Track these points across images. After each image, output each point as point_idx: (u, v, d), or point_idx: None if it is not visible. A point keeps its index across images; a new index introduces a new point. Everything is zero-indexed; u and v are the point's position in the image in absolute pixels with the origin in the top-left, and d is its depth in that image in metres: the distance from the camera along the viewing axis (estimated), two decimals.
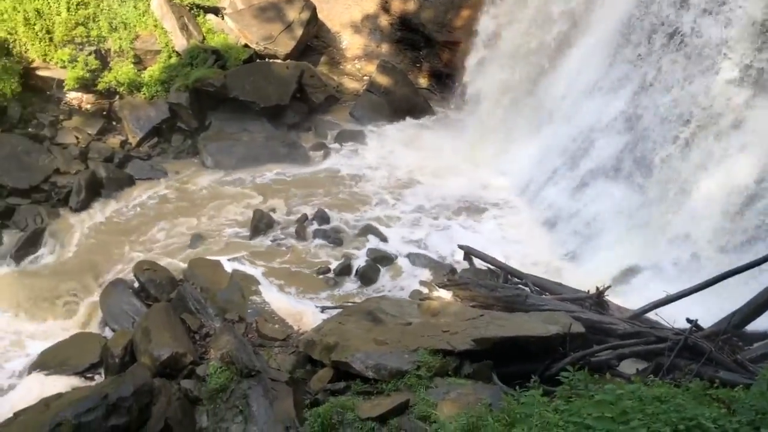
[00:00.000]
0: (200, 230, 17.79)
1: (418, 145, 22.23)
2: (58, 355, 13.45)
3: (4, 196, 18.09)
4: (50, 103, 21.00)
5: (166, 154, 21.50)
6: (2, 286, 15.70)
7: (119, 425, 9.42)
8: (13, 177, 18.17)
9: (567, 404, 5.96)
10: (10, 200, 18.02)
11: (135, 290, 14.98)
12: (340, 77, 26.27)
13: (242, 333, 12.20)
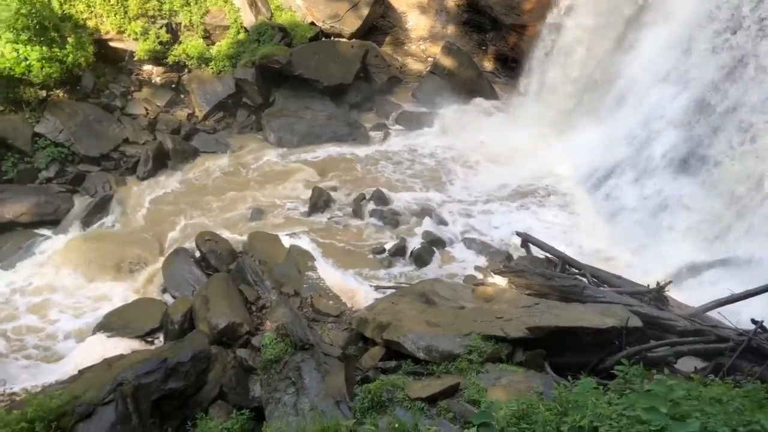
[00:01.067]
0: (260, 205, 18.10)
1: (480, 129, 21.99)
2: (121, 318, 14.00)
3: (76, 162, 18.78)
4: (122, 75, 21.61)
5: (231, 128, 21.91)
6: (71, 249, 16.35)
7: (177, 388, 9.74)
8: (85, 145, 18.83)
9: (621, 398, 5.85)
10: (81, 167, 18.71)
11: (196, 260, 15.40)
12: (404, 58, 26.15)
13: (297, 307, 12.39)
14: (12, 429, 7.78)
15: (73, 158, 18.73)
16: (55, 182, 18.05)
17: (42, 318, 14.42)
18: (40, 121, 18.59)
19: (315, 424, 7.18)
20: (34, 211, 17.17)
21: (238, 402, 10.20)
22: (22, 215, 17.06)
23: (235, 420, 9.06)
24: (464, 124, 22.41)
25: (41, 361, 13.30)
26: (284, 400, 9.15)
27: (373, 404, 8.82)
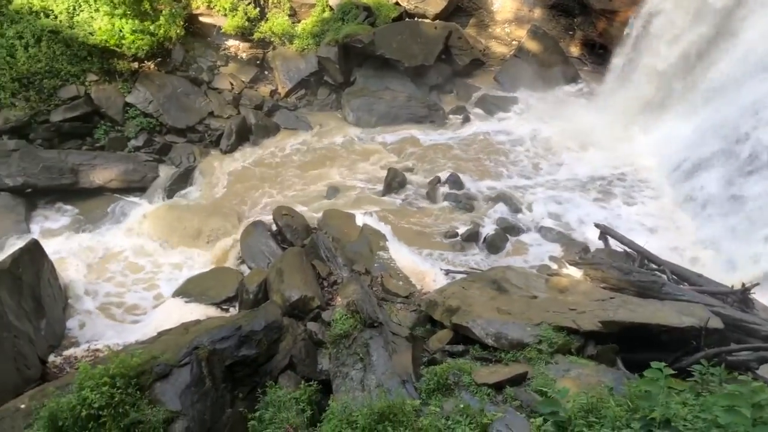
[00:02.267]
0: (336, 182, 18.31)
1: (563, 116, 21.46)
2: (199, 285, 14.52)
3: (163, 133, 19.50)
4: (210, 49, 22.20)
5: (311, 106, 22.21)
6: (155, 216, 17.04)
7: (249, 356, 10.03)
8: (172, 116, 19.51)
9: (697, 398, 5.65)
10: (168, 138, 19.42)
11: (272, 233, 15.76)
12: (487, 40, 25.75)
13: (368, 285, 12.50)
14: (96, 382, 8.21)
15: (160, 129, 19.44)
16: (142, 151, 18.80)
17: (125, 281, 15.13)
18: (131, 91, 19.38)
19: (381, 401, 7.26)
20: (122, 178, 17.97)
21: (306, 373, 10.42)
22: (111, 181, 17.89)
23: (303, 390, 9.28)
24: (546, 111, 21.94)
25: (124, 321, 13.98)
26: (351, 375, 9.29)
27: (438, 386, 8.85)
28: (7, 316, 11.85)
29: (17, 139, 17.64)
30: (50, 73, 18.41)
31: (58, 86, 18.53)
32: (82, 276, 15.13)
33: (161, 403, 8.80)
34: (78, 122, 18.52)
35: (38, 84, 18.24)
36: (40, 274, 13.41)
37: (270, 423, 8.66)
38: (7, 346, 11.52)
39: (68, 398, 8.19)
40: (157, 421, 8.40)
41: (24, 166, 17.19)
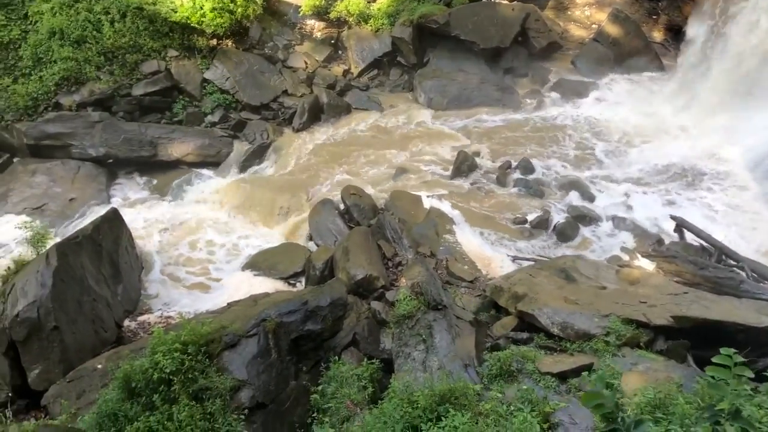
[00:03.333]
0: (405, 164, 18.29)
1: (641, 104, 20.71)
2: (268, 259, 14.86)
3: (239, 110, 19.91)
4: (286, 28, 22.45)
5: (383, 86, 22.20)
6: (228, 191, 17.48)
7: (314, 330, 10.22)
8: (248, 93, 19.89)
9: None
10: (243, 114, 19.82)
11: (340, 212, 15.91)
12: (565, 23, 25.06)
13: (433, 268, 12.50)
14: (168, 348, 8.54)
15: (236, 105, 19.86)
16: (218, 127, 19.27)
17: (199, 251, 15.61)
18: (209, 68, 19.85)
19: (443, 383, 7.28)
20: (198, 152, 18.51)
21: (369, 351, 10.54)
22: (188, 155, 18.45)
23: (366, 368, 9.39)
24: (624, 97, 21.22)
25: (195, 290, 14.45)
26: (414, 356, 9.35)
27: (501, 372, 8.81)
28: (88, 280, 12.44)
29: (101, 111, 18.39)
30: (134, 48, 19.05)
31: (141, 61, 19.18)
32: (157, 245, 15.71)
33: (228, 372, 9.08)
34: (158, 96, 19.14)
35: (122, 58, 18.92)
36: (118, 241, 14.00)
37: (332, 397, 8.81)
38: (87, 309, 12.10)
39: (141, 362, 8.56)
40: (224, 388, 8.68)
41: (106, 137, 17.93)
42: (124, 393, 8.47)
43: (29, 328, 10.88)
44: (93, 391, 10.04)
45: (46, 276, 11.29)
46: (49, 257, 11.65)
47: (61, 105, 18.24)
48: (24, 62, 18.38)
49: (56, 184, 17.28)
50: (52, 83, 18.16)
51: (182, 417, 8.07)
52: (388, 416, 6.74)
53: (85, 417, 8.95)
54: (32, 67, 18.39)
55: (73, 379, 10.72)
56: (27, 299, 10.98)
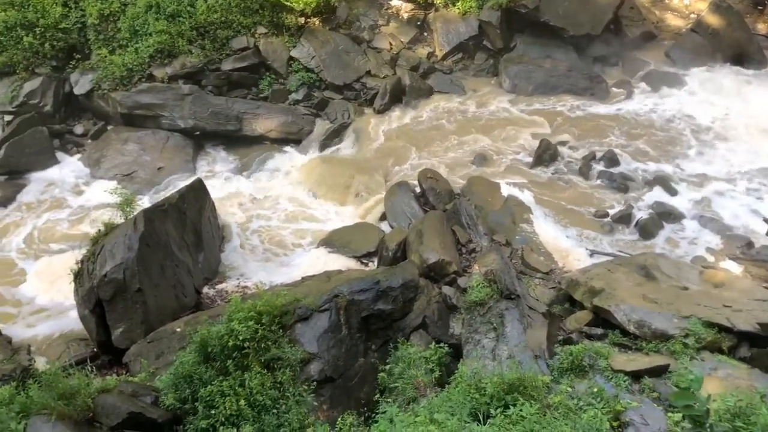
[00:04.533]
0: (484, 150, 18.07)
1: (740, 100, 19.61)
2: (342, 237, 15.05)
3: (322, 89, 20.12)
4: (373, 8, 22.43)
5: (467, 70, 21.92)
6: (308, 168, 17.78)
7: (384, 310, 10.30)
8: (332, 73, 20.06)
9: None
10: (326, 93, 20.01)
11: (416, 195, 15.91)
12: (662, 12, 23.99)
13: (507, 256, 12.33)
14: (244, 316, 8.80)
15: (319, 84, 20.07)
16: (301, 105, 19.53)
17: (276, 226, 15.98)
18: (296, 46, 20.10)
19: (512, 372, 7.20)
20: (281, 129, 18.88)
21: (437, 335, 10.54)
22: (271, 131, 18.84)
23: (434, 351, 9.40)
24: (722, 92, 20.14)
25: (272, 262, 14.82)
26: (483, 343, 9.28)
27: (572, 366, 8.66)
28: (171, 246, 12.95)
29: (191, 84, 18.96)
30: (224, 24, 19.51)
31: (231, 37, 19.62)
32: (238, 217, 16.19)
33: (300, 344, 9.29)
34: (246, 72, 19.56)
35: (213, 33, 19.42)
36: (202, 211, 14.49)
37: (399, 377, 8.88)
38: (169, 274, 12.62)
39: (218, 328, 8.85)
40: (294, 359, 8.88)
41: (195, 110, 18.53)
42: (200, 357, 8.79)
43: (115, 289, 11.44)
44: (171, 353, 10.47)
45: (133, 240, 11.81)
46: (136, 222, 12.18)
47: (154, 77, 18.92)
48: (121, 34, 19.15)
49: (146, 153, 18.02)
50: (147, 55, 18.84)
51: (253, 384, 8.31)
52: (455, 400, 6.74)
53: (162, 377, 9.38)
54: (129, 39, 19.13)
55: (153, 340, 11.24)
56: (114, 261, 11.54)
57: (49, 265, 14.41)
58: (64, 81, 19.07)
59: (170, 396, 8.55)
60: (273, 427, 8.02)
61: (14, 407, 7.34)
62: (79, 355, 11.58)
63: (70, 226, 15.90)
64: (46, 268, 14.33)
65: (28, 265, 14.69)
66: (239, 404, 8.10)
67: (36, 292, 13.83)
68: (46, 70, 18.82)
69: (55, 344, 12.30)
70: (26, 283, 14.14)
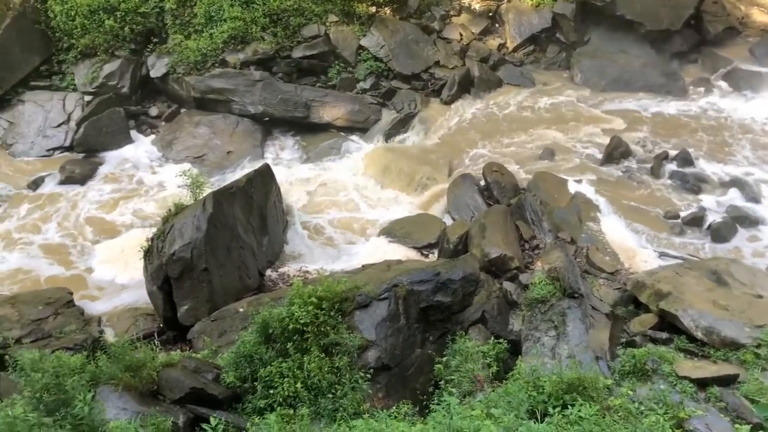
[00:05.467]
0: (553, 145, 17.73)
1: None
2: (404, 227, 15.07)
3: (390, 78, 20.12)
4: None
5: (538, 63, 21.55)
6: (373, 157, 17.83)
7: (443, 302, 10.26)
8: (400, 63, 20.03)
9: None
10: (393, 83, 20.00)
11: (480, 188, 15.78)
12: (748, 7, 22.90)
13: (572, 254, 12.09)
14: (304, 300, 8.93)
15: (387, 74, 20.07)
16: (369, 94, 19.58)
17: (339, 213, 16.12)
18: (366, 35, 20.16)
19: (572, 372, 7.06)
20: (348, 118, 18.98)
21: (496, 330, 10.44)
22: (338, 119, 18.98)
23: (492, 346, 9.32)
24: None
25: (333, 249, 14.98)
26: (543, 341, 9.15)
27: (634, 370, 8.45)
28: (238, 229, 13.25)
29: (262, 70, 19.27)
30: (297, 12, 19.73)
31: (302, 24, 19.83)
32: (302, 203, 16.42)
33: (358, 331, 9.37)
34: (315, 60, 19.73)
35: (285, 21, 19.66)
36: (268, 195, 14.75)
37: (455, 370, 8.85)
38: (235, 255, 12.92)
39: (279, 310, 9.02)
40: (352, 345, 8.97)
41: (265, 96, 18.83)
42: (261, 337, 8.98)
43: (183, 267, 11.80)
44: (233, 332, 10.75)
45: (201, 221, 12.15)
46: (205, 204, 12.51)
47: (226, 62, 19.31)
48: (197, 20, 19.61)
49: (216, 137, 18.46)
50: (221, 41, 19.25)
51: (311, 367, 8.44)
52: (512, 397, 6.67)
53: (224, 355, 9.63)
54: (204, 25, 19.58)
55: (217, 319, 11.55)
56: (183, 240, 11.89)
57: (120, 241, 14.97)
58: (142, 64, 19.70)
59: (231, 374, 8.77)
60: (328, 411, 8.13)
61: (85, 376, 7.66)
62: (146, 329, 11.99)
63: (142, 204, 16.46)
64: (118, 244, 14.89)
65: (100, 240, 15.28)
66: (297, 386, 8.25)
67: (107, 267, 14.37)
68: (125, 52, 19.47)
69: (124, 318, 12.76)
70: (98, 258, 14.71)
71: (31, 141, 18.38)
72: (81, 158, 18.16)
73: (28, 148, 18.29)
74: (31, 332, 11.36)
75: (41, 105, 18.88)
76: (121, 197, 16.72)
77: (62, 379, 6.21)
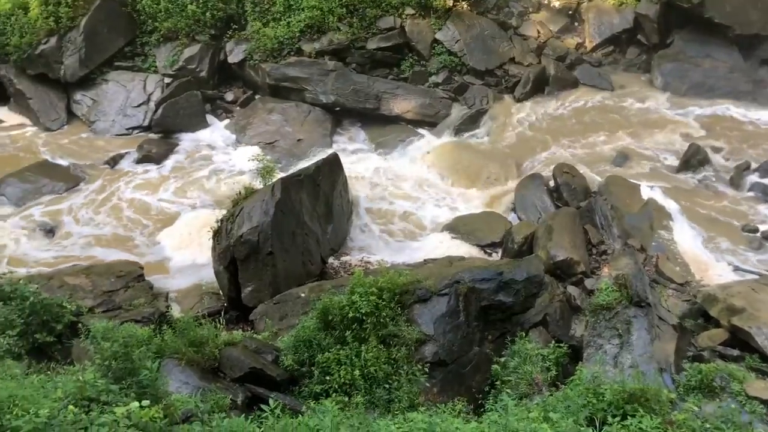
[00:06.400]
0: (627, 148, 17.26)
1: None
2: (468, 224, 14.98)
3: (463, 73, 19.95)
4: None
5: (617, 65, 20.93)
6: (441, 152, 17.77)
7: (505, 302, 10.14)
8: (474, 58, 19.83)
9: None
10: (466, 78, 19.83)
11: (549, 189, 15.53)
12: None
13: (641, 262, 11.75)
14: (365, 290, 9.00)
15: (461, 68, 19.91)
16: (440, 88, 19.48)
17: (403, 205, 16.11)
18: (441, 28, 20.04)
19: (634, 382, 6.86)
20: (418, 111, 18.95)
21: (557, 334, 10.26)
22: (408, 112, 18.98)
23: (553, 350, 9.16)
24: None
25: (396, 241, 15.01)
26: (606, 349, 8.95)
27: (700, 385, 8.18)
28: (303, 215, 13.44)
29: (336, 60, 19.44)
30: (374, 3, 19.79)
31: (379, 16, 19.87)
32: (367, 194, 16.49)
33: (417, 324, 9.38)
34: (389, 52, 19.76)
35: (362, 12, 19.75)
36: (335, 184, 14.91)
37: (513, 371, 8.74)
38: (299, 241, 13.13)
39: (340, 298, 9.12)
40: (410, 338, 8.99)
41: (337, 86, 19.00)
42: (320, 324, 9.10)
43: (249, 249, 12.06)
44: (294, 316, 10.93)
45: (269, 205, 12.38)
46: (274, 189, 12.75)
47: (302, 51, 19.56)
48: (276, 8, 19.92)
49: (288, 124, 18.74)
50: (298, 30, 19.51)
51: (368, 356, 8.51)
52: (571, 402, 6.54)
53: (284, 338, 9.81)
54: (282, 13, 19.87)
55: (279, 302, 11.76)
56: (251, 223, 12.16)
57: (191, 220, 15.42)
58: (220, 49, 20.18)
59: (289, 357, 8.92)
60: (383, 401, 8.18)
61: (151, 347, 7.94)
62: (210, 307, 12.33)
63: (214, 186, 16.88)
64: (188, 223, 15.33)
65: (171, 219, 15.75)
66: (353, 374, 8.33)
67: (177, 245, 14.82)
68: (205, 38, 19.98)
69: (190, 295, 13.16)
70: (168, 236, 15.18)
71: (112, 119, 19.13)
72: (158, 138, 18.77)
73: (108, 125, 19.05)
74: (103, 303, 11.84)
75: (123, 85, 19.62)
76: (194, 178, 17.20)
77: (130, 349, 6.43)
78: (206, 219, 14.29)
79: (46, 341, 9.68)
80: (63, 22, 19.13)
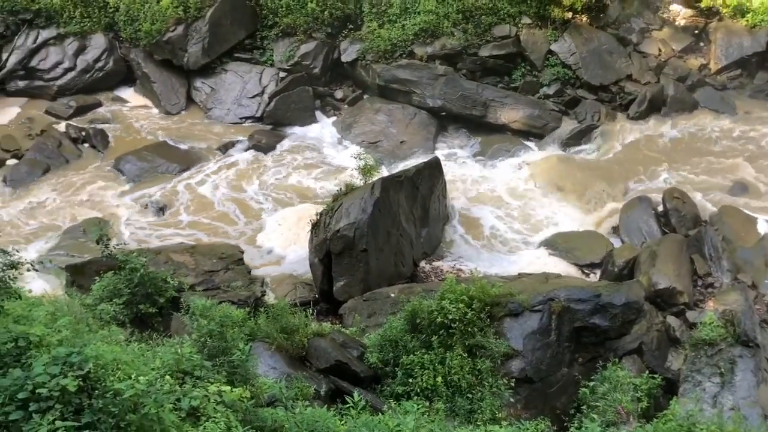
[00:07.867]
0: (747, 179, 16.29)
1: None
2: (568, 242, 14.61)
3: (576, 87, 19.44)
4: (647, 10, 21.06)
5: (743, 89, 19.76)
6: (545, 166, 17.38)
7: (600, 325, 9.80)
8: (589, 72, 19.28)
9: None
10: (579, 92, 19.32)
11: (657, 213, 14.92)
12: None
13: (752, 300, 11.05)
14: (456, 297, 8.94)
15: (574, 82, 19.42)
16: (551, 100, 19.10)
17: (502, 217, 15.84)
18: (557, 40, 19.61)
19: (733, 426, 6.45)
20: (525, 122, 18.63)
21: (652, 365, 9.83)
22: (515, 122, 18.68)
23: (646, 380, 8.77)
24: None
25: (491, 252, 14.81)
26: (705, 386, 8.47)
27: None
28: (400, 216, 13.52)
29: (446, 66, 19.41)
30: (490, 11, 19.63)
31: (494, 24, 19.68)
32: (466, 201, 16.37)
33: (505, 338, 9.23)
34: (501, 60, 19.55)
35: (477, 19, 19.64)
36: (433, 188, 14.90)
37: (602, 397, 8.43)
38: (393, 242, 13.21)
39: (429, 302, 9.11)
40: (497, 352, 8.85)
41: (446, 91, 18.96)
42: (408, 326, 9.12)
43: (344, 245, 12.26)
44: (382, 315, 11.00)
45: (368, 204, 12.53)
46: (374, 188, 12.89)
47: (414, 54, 19.66)
48: (393, 10, 20.12)
49: (392, 125, 18.89)
50: (412, 33, 19.63)
51: (453, 364, 8.45)
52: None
53: (370, 335, 9.89)
54: (398, 16, 20.05)
55: (368, 300, 11.89)
56: (348, 219, 12.35)
57: (291, 211, 15.85)
58: (334, 48, 20.59)
59: (375, 355, 8.99)
60: (464, 411, 8.10)
61: (245, 329, 8.22)
62: (302, 297, 12.62)
63: (316, 180, 17.26)
64: (289, 214, 15.77)
65: (274, 208, 16.23)
66: (436, 380, 8.29)
67: (277, 234, 15.26)
68: (321, 35, 20.45)
69: (285, 283, 13.51)
70: (270, 224, 15.65)
71: (227, 108, 19.93)
72: (268, 129, 19.40)
73: (223, 114, 19.86)
74: (203, 281, 12.38)
75: (241, 76, 20.39)
76: (298, 171, 17.65)
77: (225, 329, 6.69)
78: (306, 212, 14.65)
79: (148, 312, 10.26)
80: (191, 12, 20.08)
